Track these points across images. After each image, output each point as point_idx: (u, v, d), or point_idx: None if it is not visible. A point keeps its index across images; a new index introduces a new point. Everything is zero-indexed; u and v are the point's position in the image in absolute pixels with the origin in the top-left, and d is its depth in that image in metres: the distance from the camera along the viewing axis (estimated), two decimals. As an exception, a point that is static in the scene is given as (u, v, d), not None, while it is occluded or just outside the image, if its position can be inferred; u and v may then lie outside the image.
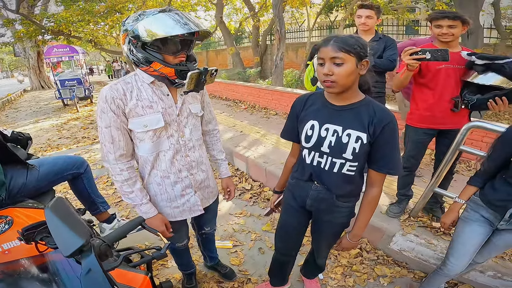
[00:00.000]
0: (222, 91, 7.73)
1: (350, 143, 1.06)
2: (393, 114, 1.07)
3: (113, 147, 1.14)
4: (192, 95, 1.29)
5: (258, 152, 3.52)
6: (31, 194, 1.54)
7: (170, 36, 1.04)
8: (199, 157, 1.34)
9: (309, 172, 1.20)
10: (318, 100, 1.17)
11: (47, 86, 15.89)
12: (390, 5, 9.87)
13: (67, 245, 0.73)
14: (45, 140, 5.36)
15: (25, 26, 10.82)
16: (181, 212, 1.36)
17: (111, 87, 1.12)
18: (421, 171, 2.86)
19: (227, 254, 2.20)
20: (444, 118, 1.85)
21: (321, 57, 1.00)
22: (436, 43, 1.82)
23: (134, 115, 1.14)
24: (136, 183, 1.22)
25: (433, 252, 1.88)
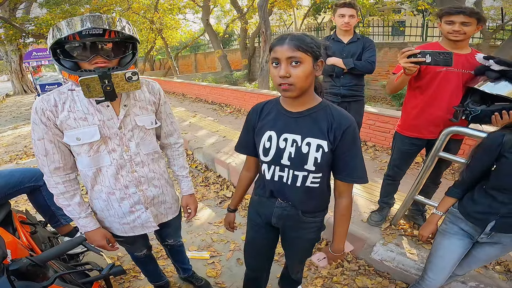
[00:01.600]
0: (207, 94, 7.62)
1: (310, 153, 0.98)
2: (352, 117, 0.99)
3: (46, 159, 1.08)
4: (140, 106, 1.17)
5: (240, 158, 3.42)
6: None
7: (64, 40, 0.96)
8: (149, 172, 1.24)
9: (270, 189, 1.12)
10: (273, 108, 1.08)
11: (30, 90, 15.49)
12: (376, 6, 9.97)
13: None
14: (22, 148, 5.15)
15: (5, 29, 10.55)
16: (132, 228, 1.28)
17: (42, 98, 1.04)
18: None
19: (204, 265, 2.11)
20: (435, 128, 1.66)
21: (276, 57, 0.90)
22: (444, 43, 1.61)
23: (66, 127, 1.06)
24: (74, 196, 1.15)
25: (414, 262, 1.81)
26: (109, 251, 1.26)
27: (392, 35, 11.37)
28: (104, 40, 1.01)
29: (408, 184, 2.41)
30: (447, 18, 1.51)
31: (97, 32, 0.98)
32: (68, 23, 0.95)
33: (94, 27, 0.96)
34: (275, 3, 10.60)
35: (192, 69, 18.26)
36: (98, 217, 1.24)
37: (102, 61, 1.01)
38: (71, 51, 1.01)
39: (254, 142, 1.13)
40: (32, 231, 1.62)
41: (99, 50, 1.01)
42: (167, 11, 13.96)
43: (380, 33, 10.82)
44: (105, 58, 1.01)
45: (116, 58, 1.05)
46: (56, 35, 0.96)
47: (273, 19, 16.29)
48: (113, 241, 1.26)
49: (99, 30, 0.98)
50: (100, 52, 1.01)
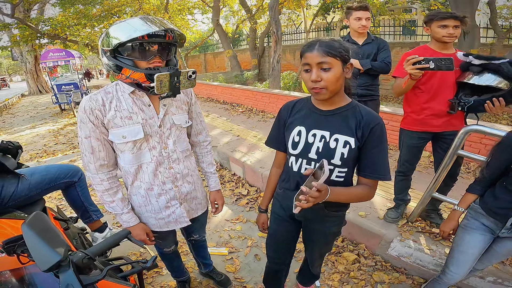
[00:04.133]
0: (219, 94, 7.70)
1: (338, 148, 1.03)
2: (380, 117, 1.04)
3: (93, 157, 1.13)
4: (176, 105, 1.25)
5: (255, 157, 3.49)
6: (22, 203, 1.53)
7: (134, 39, 1.01)
8: (184, 168, 1.31)
9: (296, 181, 1.17)
10: (305, 105, 1.14)
11: (45, 90, 15.80)
12: (387, 6, 9.90)
13: (44, 260, 0.73)
14: (41, 146, 5.31)
15: (21, 30, 10.78)
16: (167, 223, 1.34)
17: (90, 98, 1.10)
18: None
19: (223, 261, 2.17)
20: (439, 121, 1.81)
21: (307, 63, 0.96)
22: (433, 45, 1.77)
23: (113, 126, 1.12)
24: (117, 193, 1.21)
25: (432, 258, 1.84)
26: (149, 245, 1.30)
27: (403, 34, 11.25)
28: (166, 41, 1.09)
29: (423, 182, 2.46)
30: (441, 23, 1.67)
31: (161, 34, 1.05)
32: (139, 23, 1.01)
33: (164, 29, 1.03)
34: (284, 3, 10.63)
35: (201, 69, 18.40)
36: (135, 212, 1.30)
37: (159, 61, 1.08)
38: (134, 50, 1.05)
39: (284, 137, 1.18)
40: (65, 227, 1.68)
41: (159, 50, 1.08)
42: (176, 12, 14.14)
43: (390, 33, 10.72)
44: (161, 59, 1.09)
45: (166, 59, 1.12)
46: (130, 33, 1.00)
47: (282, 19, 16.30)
48: (151, 236, 1.31)
49: (162, 32, 1.05)
50: (158, 52, 1.08)
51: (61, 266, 0.75)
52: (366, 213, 2.28)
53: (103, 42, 1.06)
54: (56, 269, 0.75)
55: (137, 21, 1.03)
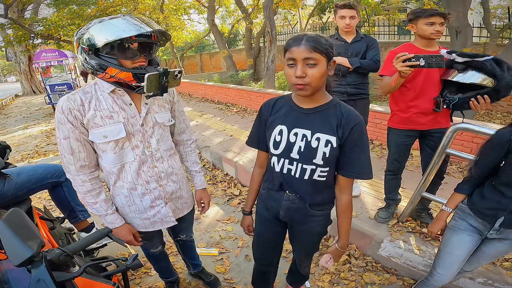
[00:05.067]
0: (214, 94, 7.68)
1: (319, 148, 1.02)
2: (360, 116, 1.03)
3: (73, 158, 1.11)
4: (159, 104, 1.24)
5: (247, 156, 3.47)
6: (8, 202, 1.53)
7: (121, 39, 0.99)
8: (168, 167, 1.29)
9: (279, 181, 1.15)
10: (286, 104, 1.11)
11: (39, 91, 15.66)
12: (382, 5, 9.93)
13: (16, 255, 0.74)
14: (33, 147, 5.26)
15: (14, 30, 10.69)
16: (152, 223, 1.32)
17: (68, 98, 1.07)
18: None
19: (213, 261, 2.15)
20: (425, 119, 1.81)
21: (292, 58, 0.93)
22: (418, 43, 1.77)
23: (93, 126, 1.09)
24: (100, 194, 1.18)
25: (422, 259, 1.83)
26: (135, 246, 1.29)
27: (398, 34, 11.31)
28: (152, 41, 1.09)
29: (415, 182, 2.44)
30: (428, 20, 1.66)
31: (148, 34, 1.04)
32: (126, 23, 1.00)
33: (152, 30, 1.03)
34: (280, 3, 10.63)
35: (197, 69, 18.36)
36: (119, 213, 1.27)
37: (143, 60, 1.09)
38: (119, 50, 1.04)
39: (265, 137, 1.16)
40: (51, 227, 1.67)
41: (143, 50, 1.08)
42: (172, 12, 14.09)
43: (386, 33, 10.76)
44: (145, 58, 1.09)
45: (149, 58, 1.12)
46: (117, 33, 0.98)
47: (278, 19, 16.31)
48: (138, 236, 1.29)
49: (149, 33, 1.04)
50: (143, 52, 1.08)
51: (33, 262, 0.76)
52: (357, 213, 2.26)
53: (82, 40, 1.03)
54: (28, 264, 0.76)
55: (122, 21, 1.01)
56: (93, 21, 1.05)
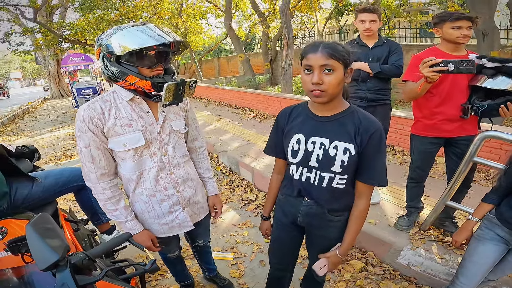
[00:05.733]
0: (231, 99, 7.75)
1: (338, 156, 1.02)
2: (379, 122, 1.02)
3: (93, 166, 1.12)
4: (174, 111, 1.27)
5: (264, 162, 3.48)
6: (35, 204, 1.58)
7: (143, 48, 1.02)
8: (184, 173, 1.32)
9: (298, 188, 1.16)
10: (302, 112, 1.12)
11: (66, 94, 16.29)
12: (402, 8, 9.71)
13: (42, 259, 0.75)
14: (60, 149, 5.50)
15: (43, 34, 11.22)
16: (170, 228, 1.34)
17: (88, 106, 1.09)
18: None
19: (227, 266, 2.17)
20: (451, 126, 1.75)
21: (309, 64, 0.94)
22: (444, 47, 1.72)
23: (113, 134, 1.11)
24: (120, 201, 1.20)
25: (444, 267, 1.77)
26: (154, 251, 1.32)
27: (420, 36, 10.99)
28: (171, 50, 1.12)
29: (438, 189, 2.38)
30: (455, 24, 1.61)
31: (167, 43, 1.07)
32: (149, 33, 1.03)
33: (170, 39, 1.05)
34: (296, 7, 10.64)
35: (215, 73, 18.62)
36: (138, 220, 1.29)
37: (161, 69, 1.12)
38: (138, 58, 1.06)
39: (283, 145, 1.17)
40: (75, 228, 1.72)
41: (161, 58, 1.12)
42: (190, 16, 14.44)
43: (407, 35, 10.50)
44: (162, 66, 1.12)
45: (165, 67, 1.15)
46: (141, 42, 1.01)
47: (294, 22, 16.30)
48: (156, 242, 1.31)
49: (168, 42, 1.06)
50: (161, 61, 1.11)
51: (58, 266, 0.78)
52: (376, 221, 2.22)
53: (104, 47, 1.06)
54: (53, 268, 0.77)
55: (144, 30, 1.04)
56: (114, 28, 1.07)
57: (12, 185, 1.48)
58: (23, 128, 8.35)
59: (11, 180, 1.49)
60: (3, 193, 1.41)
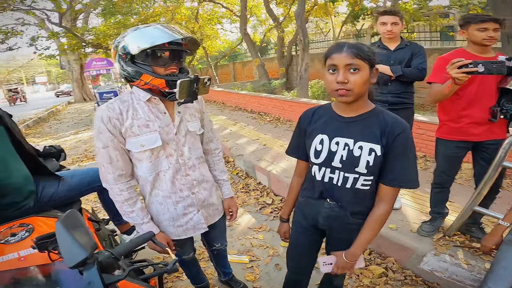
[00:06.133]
0: (247, 103, 7.80)
1: (362, 156, 1.00)
2: (406, 123, 1.01)
3: (111, 167, 1.13)
4: (190, 113, 1.27)
5: (280, 166, 3.47)
6: (61, 203, 1.62)
7: (156, 46, 1.04)
8: (199, 175, 1.32)
9: (320, 190, 1.14)
10: (325, 113, 1.12)
11: (89, 98, 16.79)
12: (421, 11, 9.51)
13: (71, 256, 0.75)
14: (83, 151, 5.70)
15: (68, 39, 11.66)
16: (185, 230, 1.34)
17: (107, 107, 1.11)
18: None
19: (243, 269, 2.16)
20: (479, 129, 1.70)
21: (334, 64, 0.94)
22: (471, 49, 1.69)
23: (131, 134, 1.12)
24: (136, 202, 1.20)
25: (470, 273, 1.71)
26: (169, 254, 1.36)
27: (441, 40, 10.71)
28: (183, 49, 1.14)
29: (463, 195, 2.31)
30: (481, 26, 1.58)
31: (180, 42, 1.09)
32: (161, 31, 1.06)
33: (183, 37, 1.08)
34: (312, 11, 10.64)
35: (230, 78, 18.82)
36: (154, 222, 1.29)
37: (175, 68, 1.13)
38: (152, 57, 1.08)
39: (305, 146, 1.17)
40: (97, 228, 1.74)
41: (175, 57, 1.13)
42: (206, 21, 14.72)
43: (426, 39, 10.25)
44: (176, 65, 1.13)
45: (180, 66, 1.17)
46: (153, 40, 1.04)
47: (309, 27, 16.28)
48: (171, 245, 1.30)
49: (180, 40, 1.09)
50: (174, 59, 1.13)
51: (86, 264, 0.77)
52: (397, 226, 2.17)
53: (119, 48, 1.09)
54: (81, 266, 0.77)
55: (155, 29, 1.07)
56: (129, 29, 1.11)
57: (39, 184, 1.53)
58: (47, 130, 8.73)
59: (38, 178, 1.53)
60: (30, 191, 1.46)
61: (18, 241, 1.12)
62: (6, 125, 1.39)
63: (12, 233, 1.15)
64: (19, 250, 1.08)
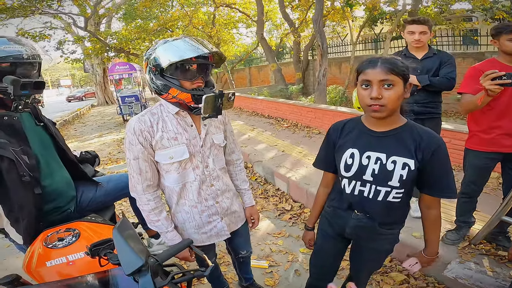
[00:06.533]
0: (264, 108, 7.83)
1: (396, 170, 1.02)
2: (440, 137, 1.03)
3: (140, 178, 1.17)
4: (215, 125, 1.31)
5: (299, 173, 3.50)
6: (97, 208, 1.69)
7: (183, 60, 1.07)
8: (223, 185, 1.36)
9: (349, 202, 1.17)
10: (356, 126, 1.13)
11: (111, 101, 17.27)
12: (443, 15, 9.29)
13: (129, 264, 0.77)
14: (107, 154, 5.92)
15: (92, 43, 12.04)
16: (209, 237, 1.39)
17: (139, 119, 1.15)
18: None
19: (262, 274, 2.20)
20: (510, 141, 1.70)
21: (368, 79, 0.96)
22: (504, 59, 1.68)
23: (160, 147, 1.16)
24: (162, 212, 1.25)
25: (495, 280, 1.70)
26: (190, 262, 1.38)
27: (464, 44, 10.38)
28: (210, 63, 1.17)
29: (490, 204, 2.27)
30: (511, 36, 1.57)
31: (206, 55, 1.12)
32: (190, 45, 1.09)
33: (209, 51, 1.11)
34: (328, 16, 10.59)
35: (246, 83, 18.88)
36: (178, 229, 1.33)
37: (201, 82, 1.16)
38: (180, 71, 1.12)
39: (333, 159, 1.19)
40: None
41: (201, 71, 1.16)
42: (223, 26, 14.93)
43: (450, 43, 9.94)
44: (202, 79, 1.16)
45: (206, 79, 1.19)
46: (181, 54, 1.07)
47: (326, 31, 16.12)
48: (193, 253, 1.33)
49: (207, 54, 1.12)
50: (201, 73, 1.16)
51: (141, 271, 0.79)
52: (421, 234, 2.17)
53: (150, 60, 1.12)
54: (137, 273, 0.78)
55: (183, 43, 1.10)
56: (159, 41, 1.14)
57: (78, 189, 1.59)
58: (72, 133, 9.08)
59: (77, 184, 1.60)
60: (71, 196, 1.52)
61: (66, 245, 1.15)
62: (52, 134, 1.48)
63: (59, 238, 1.18)
64: (68, 254, 1.11)
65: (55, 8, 10.84)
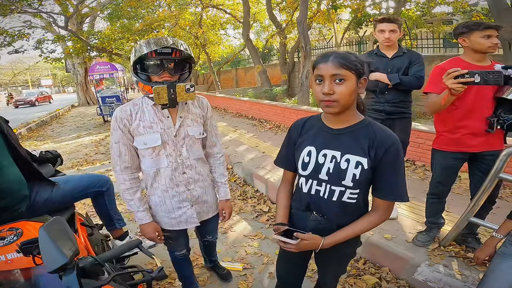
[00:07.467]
0: (248, 110, 7.81)
1: (349, 169, 0.99)
2: (396, 136, 0.99)
3: (119, 160, 1.33)
4: (192, 118, 1.40)
5: (278, 174, 3.46)
6: (54, 208, 1.63)
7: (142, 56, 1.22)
8: (195, 174, 1.45)
9: (307, 202, 1.13)
10: (315, 124, 1.11)
11: (92, 102, 16.89)
12: (424, 18, 9.52)
13: (51, 261, 0.78)
14: (83, 155, 5.73)
15: (73, 42, 11.83)
16: (178, 222, 1.48)
17: (121, 108, 1.31)
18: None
19: (236, 276, 2.15)
20: (476, 140, 1.68)
21: (320, 74, 0.94)
22: (469, 57, 1.67)
23: (137, 134, 1.31)
24: (136, 192, 1.38)
25: (463, 284, 1.68)
26: (159, 243, 1.45)
27: (444, 47, 10.69)
28: (171, 58, 1.27)
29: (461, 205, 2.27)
30: (485, 33, 1.57)
31: (167, 51, 1.24)
32: (148, 43, 1.23)
33: (166, 46, 1.23)
34: (314, 18, 10.70)
35: (233, 84, 18.87)
36: (151, 211, 1.46)
37: (168, 76, 1.27)
38: (147, 66, 1.27)
39: (293, 157, 1.16)
40: (90, 233, 1.77)
41: (167, 66, 1.27)
42: (210, 27, 14.86)
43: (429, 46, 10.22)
44: (170, 73, 1.27)
45: (177, 74, 1.31)
46: (140, 52, 1.22)
47: (312, 33, 16.35)
48: (161, 234, 1.46)
49: (168, 50, 1.24)
50: (167, 68, 1.26)
51: (66, 269, 0.79)
52: (393, 236, 2.14)
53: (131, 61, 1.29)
54: (61, 271, 0.79)
55: (146, 42, 1.25)
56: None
57: (33, 189, 1.55)
58: (49, 133, 8.77)
59: (32, 183, 1.55)
60: (23, 196, 1.47)
61: (6, 244, 1.15)
62: (3, 131, 1.43)
63: (1, 237, 1.18)
64: (7, 253, 1.12)
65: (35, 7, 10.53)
